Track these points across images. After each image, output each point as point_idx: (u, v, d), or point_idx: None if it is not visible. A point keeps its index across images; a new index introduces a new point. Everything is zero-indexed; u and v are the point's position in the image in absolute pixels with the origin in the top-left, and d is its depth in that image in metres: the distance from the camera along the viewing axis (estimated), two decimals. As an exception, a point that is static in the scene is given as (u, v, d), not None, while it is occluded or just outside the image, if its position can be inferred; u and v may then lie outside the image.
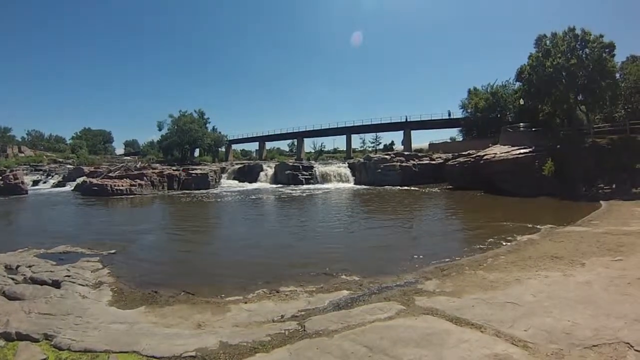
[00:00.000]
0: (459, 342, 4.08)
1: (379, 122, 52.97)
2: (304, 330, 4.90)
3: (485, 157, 23.76)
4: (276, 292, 6.82)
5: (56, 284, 7.86)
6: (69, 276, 8.33)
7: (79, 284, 7.92)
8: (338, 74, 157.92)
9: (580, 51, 21.58)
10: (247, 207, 21.35)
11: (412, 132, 50.76)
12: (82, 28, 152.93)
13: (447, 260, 8.19)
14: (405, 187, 28.41)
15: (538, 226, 11.36)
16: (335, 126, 55.63)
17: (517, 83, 30.66)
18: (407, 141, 50.68)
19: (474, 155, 25.59)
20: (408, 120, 50.68)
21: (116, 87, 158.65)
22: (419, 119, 50.10)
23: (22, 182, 32.87)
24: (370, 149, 61.57)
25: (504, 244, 9.56)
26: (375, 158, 34.27)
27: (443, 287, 6.30)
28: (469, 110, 41.98)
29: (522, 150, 22.12)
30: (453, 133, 51.30)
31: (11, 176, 32.59)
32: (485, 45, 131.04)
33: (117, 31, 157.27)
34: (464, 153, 27.75)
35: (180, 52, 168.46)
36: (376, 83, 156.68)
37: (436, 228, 13.17)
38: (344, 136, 57.09)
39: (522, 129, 26.53)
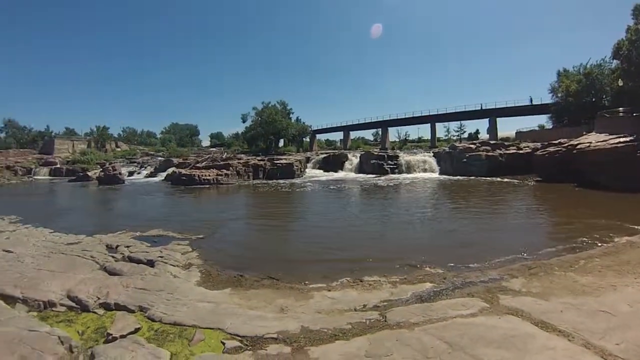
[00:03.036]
0: (544, 349, 4.65)
1: (463, 110, 63.24)
2: (385, 320, 5.97)
3: (578, 147, 26.54)
4: (360, 281, 8.28)
5: (150, 263, 10.24)
6: (161, 257, 10.82)
7: (171, 265, 10.17)
8: (413, 63, 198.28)
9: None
10: (331, 197, 25.88)
11: (498, 119, 60.06)
12: (162, 31, 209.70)
13: (535, 258, 9.41)
14: (491, 178, 32.78)
15: (638, 227, 12.28)
16: (419, 114, 67.25)
17: (614, 61, 34.36)
18: (492, 129, 59.86)
19: (566, 145, 28.49)
20: (493, 107, 59.97)
21: (201, 85, 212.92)
22: (505, 106, 58.60)
23: (120, 173, 44.73)
24: (454, 138, 73.72)
25: (599, 244, 10.58)
26: (460, 147, 39.61)
27: (529, 287, 7.17)
28: (559, 95, 47.80)
29: (621, 139, 23.95)
30: (541, 120, 59.86)
31: (110, 168, 45.26)
32: (573, 18, 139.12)
33: (198, 32, 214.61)
34: (554, 142, 30.76)
35: (261, 49, 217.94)
36: (457, 69, 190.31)
37: (523, 223, 14.79)
38: (428, 125, 69.16)
39: (621, 114, 28.93)
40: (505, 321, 5.53)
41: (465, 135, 74.29)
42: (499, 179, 31.70)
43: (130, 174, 52.22)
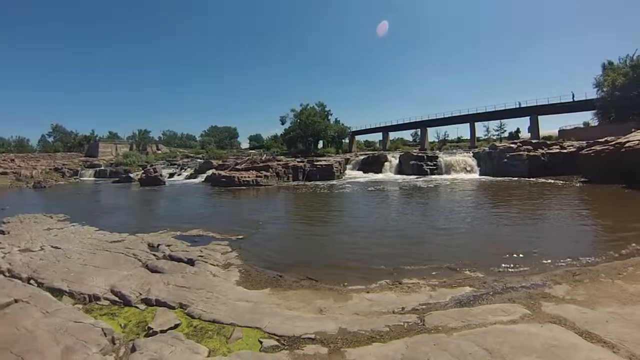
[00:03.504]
0: (587, 361, 4.67)
1: (503, 108, 64.08)
2: (423, 324, 6.10)
3: (627, 145, 25.82)
4: (398, 283, 8.53)
5: (191, 262, 10.68)
6: (201, 256, 11.24)
7: (211, 264, 10.56)
8: (453, 60, 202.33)
9: None
10: (371, 198, 26.15)
11: (540, 117, 59.70)
12: (197, 38, 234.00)
13: (580, 264, 9.39)
14: (533, 179, 32.53)
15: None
16: (458, 114, 68.64)
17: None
18: (534, 128, 59.80)
19: (613, 143, 27.81)
20: (534, 104, 59.90)
21: (240, 87, 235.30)
22: (546, 103, 58.54)
23: (161, 175, 47.38)
24: (494, 138, 75.88)
25: (650, 251, 10.39)
26: (501, 147, 40.05)
27: (574, 294, 7.14)
28: (604, 90, 47.26)
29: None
30: (586, 117, 59.90)
31: (151, 170, 47.97)
32: (620, 3, 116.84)
33: (234, 36, 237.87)
34: (600, 140, 30.29)
35: (298, 50, 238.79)
36: (495, 67, 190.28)
37: (567, 226, 14.64)
38: (467, 124, 70.57)
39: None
40: (548, 330, 5.50)
41: (506, 134, 75.50)
42: (541, 180, 31.46)
43: (171, 175, 55.24)
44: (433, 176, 40.77)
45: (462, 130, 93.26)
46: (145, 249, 12.41)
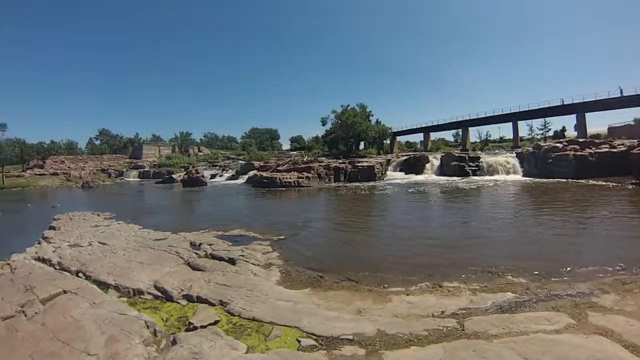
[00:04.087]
0: (634, 376, 4.73)
1: (547, 106, 61.50)
2: (463, 329, 6.12)
3: None
4: (439, 286, 8.61)
5: (232, 261, 11.03)
6: (243, 256, 11.58)
7: (252, 263, 10.85)
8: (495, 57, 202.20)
9: None
10: (412, 200, 26.72)
11: (587, 114, 57.17)
12: (240, 39, 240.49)
13: (630, 272, 9.13)
14: (581, 180, 32.33)
15: None
16: (501, 112, 67.77)
17: None
18: (580, 126, 57.54)
19: None
20: (580, 101, 57.09)
21: (280, 89, 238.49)
22: (594, 99, 55.68)
23: (202, 176, 49.44)
24: (538, 137, 74.66)
25: None
26: (545, 147, 39.82)
27: (622, 304, 6.97)
28: None
29: None
30: (638, 113, 57.18)
31: (193, 171, 50.27)
32: None
33: (274, 38, 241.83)
34: None
35: (339, 50, 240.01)
36: (541, 63, 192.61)
37: (617, 232, 14.12)
38: (510, 123, 69.35)
39: None
40: (593, 341, 5.38)
41: (550, 133, 74.10)
42: (589, 182, 30.99)
43: (213, 176, 57.45)
44: (475, 177, 41.35)
45: (504, 130, 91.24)
46: (188, 247, 12.94)
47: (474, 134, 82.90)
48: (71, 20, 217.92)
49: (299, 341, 5.96)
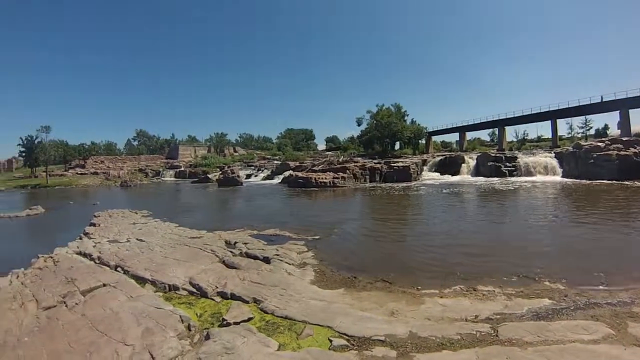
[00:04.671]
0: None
1: (588, 103, 59.41)
2: (497, 335, 6.09)
3: None
4: (473, 290, 8.61)
5: (266, 260, 11.24)
6: (277, 255, 11.77)
7: (286, 262, 11.01)
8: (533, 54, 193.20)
9: None
10: (447, 201, 26.71)
11: (631, 111, 55.11)
12: (274, 39, 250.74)
13: None
14: (625, 182, 31.35)
15: None
16: (538, 111, 66.74)
17: None
18: (624, 123, 55.15)
19: None
20: (624, 97, 54.69)
21: (316, 89, 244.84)
22: (638, 95, 53.26)
23: (238, 176, 50.88)
24: (579, 136, 74.34)
25: None
26: (586, 146, 39.03)
27: None
28: None
29: None
30: None
31: (229, 171, 51.81)
32: None
33: (308, 39, 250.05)
34: None
35: (375, 50, 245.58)
36: (581, 57, 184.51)
37: None
38: (548, 122, 68.01)
39: None
40: (632, 353, 5.25)
41: (592, 132, 73.73)
42: (637, 183, 30.22)
43: (248, 176, 58.93)
44: (512, 178, 41.31)
45: (542, 129, 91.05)
46: (223, 245, 13.31)
47: (511, 133, 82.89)
48: (109, 27, 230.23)
49: (330, 340, 6.05)
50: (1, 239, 18.69)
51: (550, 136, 70.49)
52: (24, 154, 78.22)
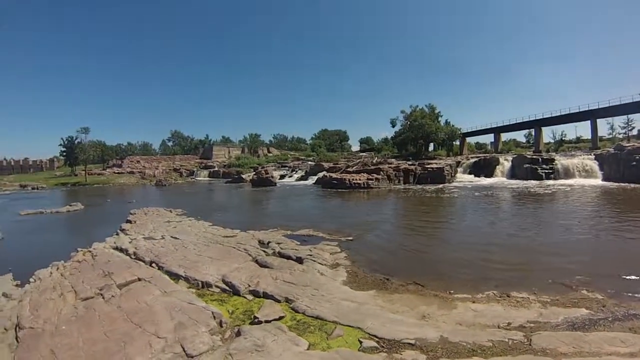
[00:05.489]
0: None
1: (631, 101, 56.04)
2: (530, 344, 5.98)
3: None
4: (507, 296, 8.53)
5: (299, 260, 11.38)
6: (310, 255, 11.89)
7: (319, 263, 11.12)
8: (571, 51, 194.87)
9: None
10: (481, 204, 26.45)
11: None
12: (307, 41, 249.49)
13: None
14: None
15: None
16: (577, 110, 63.64)
17: None
18: None
19: None
20: None
21: (349, 92, 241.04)
22: None
23: (272, 176, 51.73)
24: (620, 136, 70.74)
25: None
26: (629, 147, 37.85)
27: None
28: None
29: None
30: None
31: (263, 171, 52.72)
32: None
33: (342, 40, 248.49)
34: None
35: (410, 50, 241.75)
36: (622, 55, 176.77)
37: None
38: (588, 122, 64.75)
39: None
40: None
41: (634, 132, 70.39)
42: None
43: (282, 177, 59.81)
44: (549, 181, 40.16)
45: (581, 129, 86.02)
46: (256, 245, 13.55)
47: (548, 134, 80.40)
48: (148, 35, 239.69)
49: (360, 342, 6.10)
50: (43, 233, 19.79)
51: (589, 137, 67.29)
52: (64, 154, 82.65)
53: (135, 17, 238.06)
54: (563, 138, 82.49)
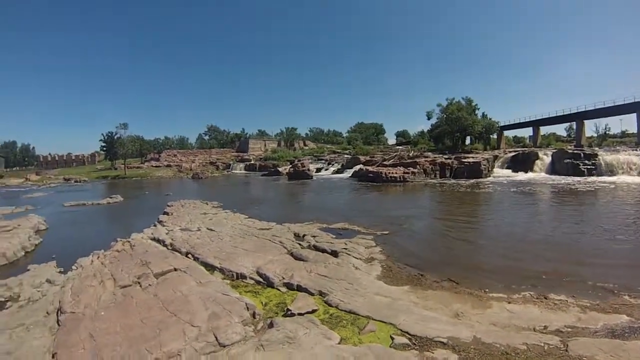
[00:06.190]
0: None
1: None
2: (566, 350, 5.83)
3: None
4: (544, 298, 8.34)
5: (334, 254, 11.45)
6: (345, 249, 11.94)
7: (354, 257, 11.14)
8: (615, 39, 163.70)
9: None
10: (519, 200, 25.77)
11: None
12: (342, 36, 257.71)
13: None
14: None
15: None
16: (622, 102, 60.70)
17: None
18: None
19: None
20: None
21: (385, 85, 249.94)
22: None
23: (308, 169, 52.05)
24: None
25: None
26: None
27: None
28: None
29: None
30: None
31: (299, 164, 53.27)
32: None
33: (379, 33, 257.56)
34: None
35: (444, 43, 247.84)
36: None
37: None
38: (634, 115, 61.15)
39: None
40: None
41: None
42: None
43: (318, 170, 60.09)
44: (591, 178, 38.64)
45: (626, 123, 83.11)
46: (291, 237, 13.72)
47: (590, 128, 77.68)
48: (187, 36, 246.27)
49: (392, 338, 6.09)
50: (85, 223, 20.83)
51: (635, 131, 63.88)
52: (105, 149, 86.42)
53: (175, 17, 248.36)
54: (607, 132, 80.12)
